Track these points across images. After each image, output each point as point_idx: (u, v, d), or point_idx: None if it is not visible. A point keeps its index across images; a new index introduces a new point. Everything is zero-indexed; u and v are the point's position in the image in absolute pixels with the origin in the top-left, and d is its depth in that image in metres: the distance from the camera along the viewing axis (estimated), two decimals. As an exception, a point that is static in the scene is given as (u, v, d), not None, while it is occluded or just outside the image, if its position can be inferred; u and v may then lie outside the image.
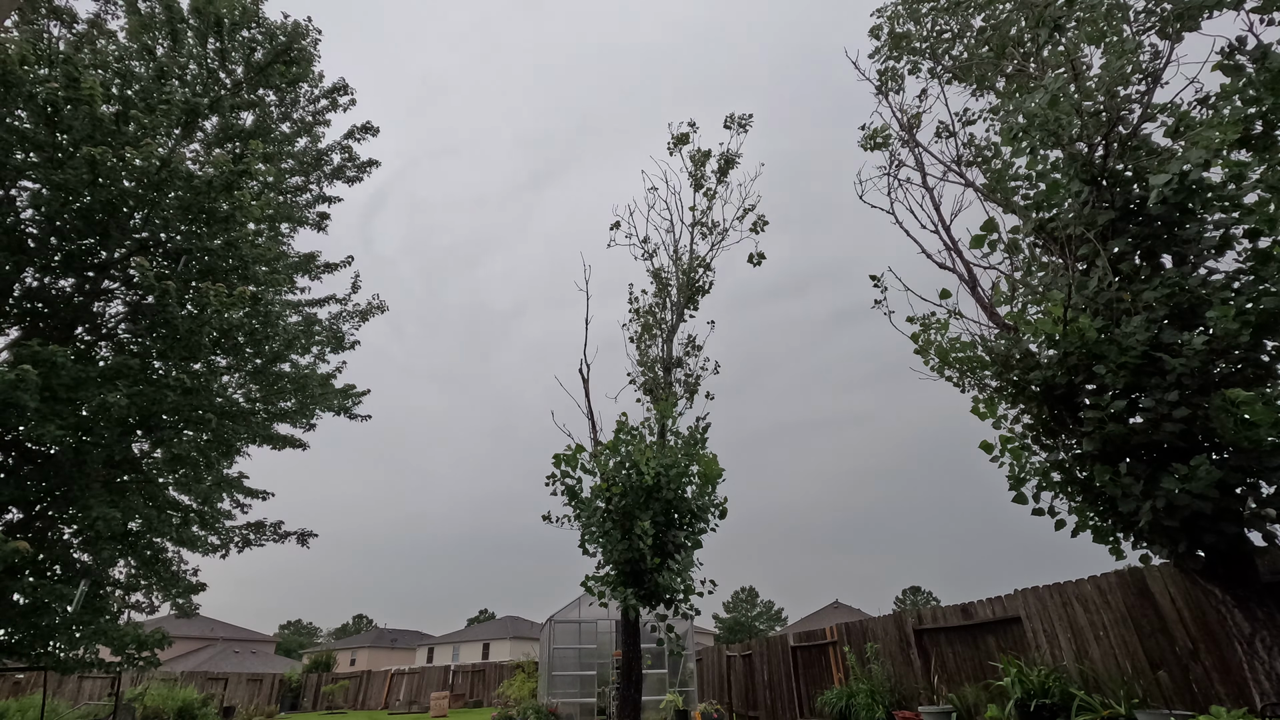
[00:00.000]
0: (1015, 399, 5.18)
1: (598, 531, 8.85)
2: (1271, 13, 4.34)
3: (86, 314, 8.15)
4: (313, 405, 10.54)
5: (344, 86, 10.65)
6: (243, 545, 10.07)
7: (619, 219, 12.98)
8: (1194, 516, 4.18)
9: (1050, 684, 6.22)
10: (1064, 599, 6.78)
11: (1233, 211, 4.62)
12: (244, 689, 28.19)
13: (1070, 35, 5.77)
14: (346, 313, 11.19)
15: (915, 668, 8.74)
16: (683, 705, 13.17)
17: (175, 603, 9.17)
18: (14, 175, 7.26)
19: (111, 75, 7.95)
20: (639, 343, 12.21)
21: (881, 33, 8.25)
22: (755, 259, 12.20)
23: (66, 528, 7.93)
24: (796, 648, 12.05)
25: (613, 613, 11.54)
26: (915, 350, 5.92)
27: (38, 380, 6.12)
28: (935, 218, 7.29)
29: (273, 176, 9.39)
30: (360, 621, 79.31)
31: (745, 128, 12.52)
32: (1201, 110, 4.86)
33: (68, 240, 7.74)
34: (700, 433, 9.96)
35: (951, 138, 7.62)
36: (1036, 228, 5.54)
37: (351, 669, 44.49)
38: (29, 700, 14.17)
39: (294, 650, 63.04)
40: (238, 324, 8.01)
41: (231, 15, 8.88)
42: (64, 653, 7.45)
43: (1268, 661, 4.04)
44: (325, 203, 11.36)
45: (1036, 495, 5.09)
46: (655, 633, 8.94)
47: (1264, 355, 4.32)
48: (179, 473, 8.87)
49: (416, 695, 30.75)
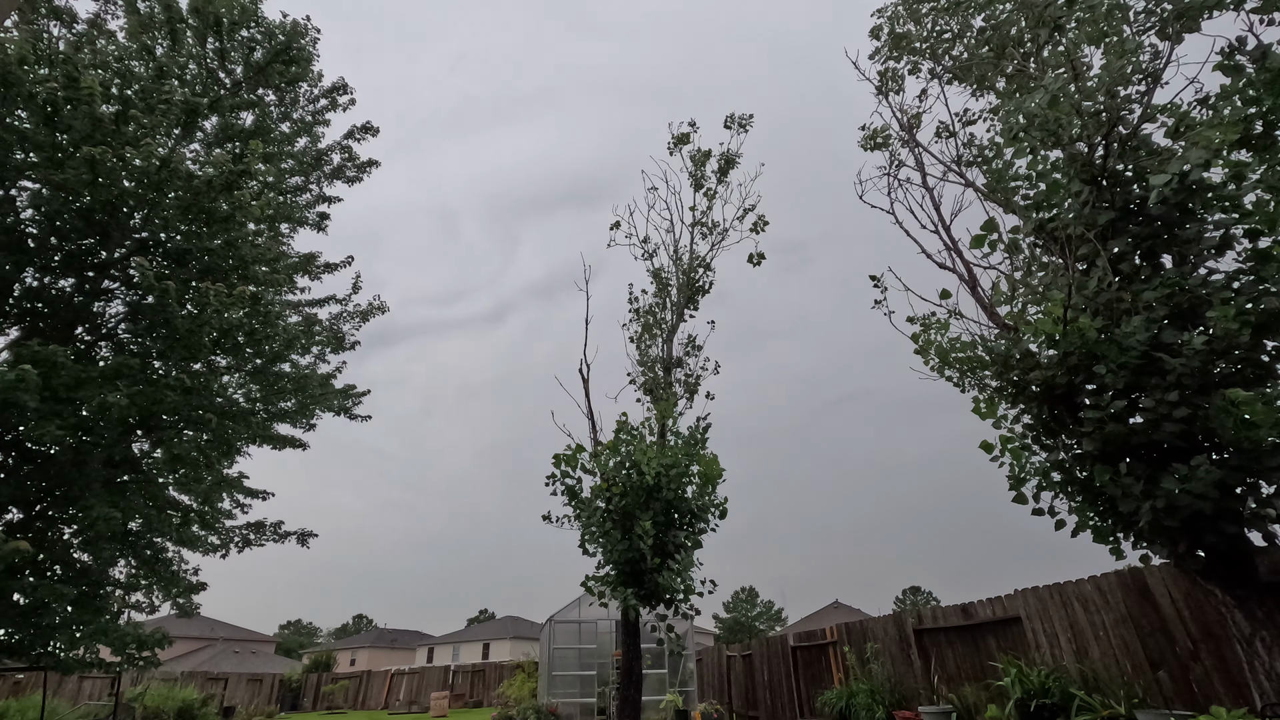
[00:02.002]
0: (1015, 399, 5.18)
1: (598, 531, 8.84)
2: (1271, 13, 4.34)
3: (86, 314, 8.15)
4: (312, 405, 10.56)
5: (343, 86, 10.67)
6: (243, 545, 10.06)
7: (619, 219, 12.99)
8: (1194, 516, 4.18)
9: (1050, 684, 6.22)
10: (1064, 599, 6.78)
11: (1233, 211, 4.62)
12: (244, 689, 28.18)
13: (1070, 35, 5.77)
14: (347, 313, 11.20)
15: (915, 668, 8.74)
16: (683, 705, 13.18)
17: (176, 603, 9.16)
18: (14, 175, 7.26)
19: (111, 75, 7.95)
20: (639, 343, 12.20)
21: (882, 33, 8.26)
22: (755, 259, 12.20)
23: (66, 528, 7.93)
24: (796, 648, 12.05)
25: (613, 613, 11.53)
26: (915, 350, 5.93)
27: (38, 380, 6.11)
28: (935, 218, 7.30)
29: (273, 176, 9.39)
30: (360, 621, 79.30)
31: (745, 128, 12.53)
32: (1201, 110, 4.86)
33: (68, 240, 7.74)
34: (700, 433, 9.96)
35: (951, 138, 7.63)
36: (1036, 228, 5.55)
37: (351, 669, 44.49)
38: (29, 700, 14.15)
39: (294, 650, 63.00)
40: (238, 324, 8.01)
41: (230, 15, 8.89)
42: (64, 653, 7.44)
43: (1268, 661, 4.04)
44: (325, 203, 11.38)
45: (1036, 495, 5.09)
46: (655, 633, 8.93)
47: (1264, 355, 4.32)
48: (179, 473, 8.87)
49: (416, 695, 30.75)
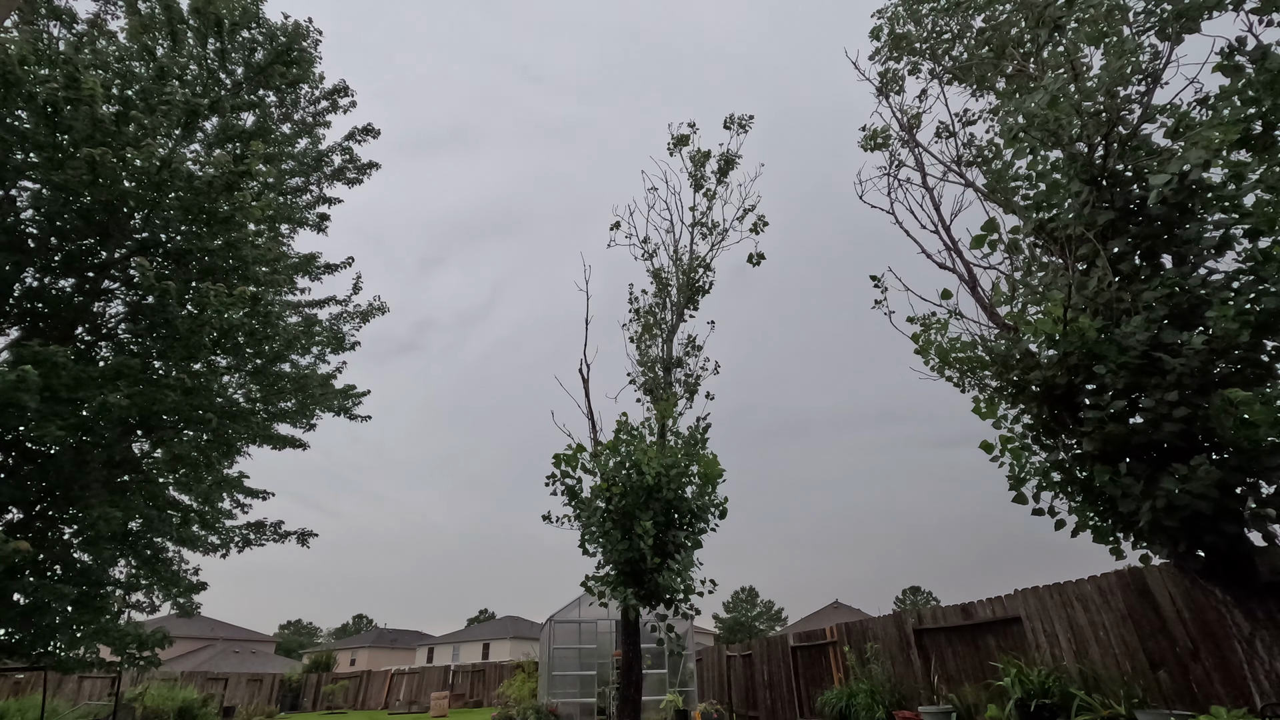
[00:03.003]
0: (1015, 399, 5.19)
1: (598, 531, 8.85)
2: (1271, 13, 4.35)
3: (86, 314, 8.15)
4: (313, 405, 10.56)
5: (344, 88, 10.67)
6: (243, 545, 10.05)
7: (619, 219, 12.99)
8: (1194, 516, 4.18)
9: (1050, 684, 6.22)
10: (1064, 599, 6.78)
11: (1233, 211, 4.63)
12: (244, 689, 28.18)
13: (1070, 35, 5.77)
14: (347, 313, 11.20)
15: (915, 668, 8.74)
16: (683, 705, 13.18)
17: (176, 603, 9.16)
18: (14, 175, 7.26)
19: (112, 75, 7.95)
20: (639, 343, 12.21)
21: (882, 33, 8.26)
22: (755, 259, 12.21)
23: (66, 528, 7.93)
24: (796, 648, 12.05)
25: (613, 613, 11.53)
26: (916, 350, 5.93)
27: (38, 380, 6.12)
28: (935, 218, 7.31)
29: (273, 177, 9.39)
30: (360, 621, 79.31)
31: (745, 128, 12.54)
32: (1201, 110, 4.87)
33: (68, 240, 7.74)
34: (700, 433, 9.97)
35: (951, 138, 7.64)
36: (1036, 228, 5.55)
37: (351, 669, 44.49)
38: (29, 700, 14.15)
39: (294, 650, 63.01)
40: (238, 324, 8.01)
41: (231, 16, 8.88)
42: (64, 653, 7.44)
43: (1268, 661, 4.04)
44: (326, 204, 11.38)
45: (1036, 495, 5.09)
46: (655, 633, 8.94)
47: (1264, 355, 4.32)
48: (179, 473, 8.87)
49: (416, 695, 30.75)
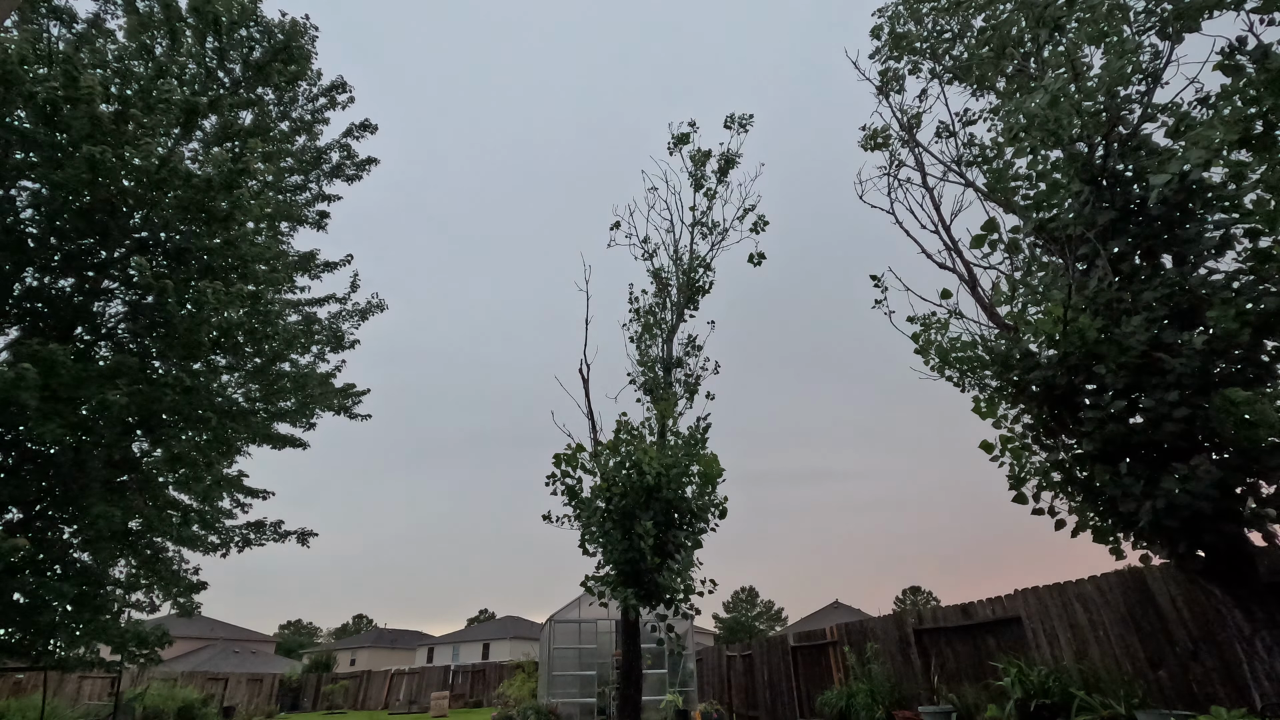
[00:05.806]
0: (1015, 399, 5.18)
1: (598, 531, 8.84)
2: (1271, 13, 4.34)
3: (86, 314, 8.14)
4: (312, 405, 10.56)
5: (342, 84, 10.66)
6: (243, 545, 10.05)
7: (619, 219, 12.98)
8: (1194, 516, 4.18)
9: (1050, 684, 6.22)
10: (1064, 599, 6.78)
11: (1233, 211, 4.62)
12: (244, 689, 28.17)
13: (1070, 35, 5.77)
14: (346, 312, 11.20)
15: (915, 668, 8.74)
16: (683, 705, 13.18)
17: (176, 602, 9.16)
18: (14, 175, 7.25)
19: (110, 74, 7.94)
20: (639, 343, 12.20)
21: (882, 33, 8.26)
22: (755, 259, 12.19)
23: (66, 527, 7.93)
24: (796, 648, 12.05)
25: (613, 613, 11.54)
26: (915, 350, 5.93)
27: (38, 380, 6.11)
28: (935, 218, 7.30)
29: (272, 175, 9.38)
30: (360, 621, 79.28)
31: (745, 127, 12.52)
32: (1201, 110, 4.87)
33: (68, 240, 7.73)
34: (701, 433, 9.96)
35: (951, 138, 7.63)
36: (1036, 228, 5.55)
37: (351, 669, 44.47)
38: (29, 700, 14.16)
39: (294, 650, 62.97)
40: (237, 323, 8.01)
41: (230, 14, 8.87)
42: (64, 652, 7.44)
43: (1268, 661, 4.04)
44: (325, 201, 11.37)
45: (1036, 495, 5.09)
46: (655, 633, 8.93)
47: (1264, 355, 4.32)
48: (179, 472, 8.86)
49: (416, 695, 30.76)
